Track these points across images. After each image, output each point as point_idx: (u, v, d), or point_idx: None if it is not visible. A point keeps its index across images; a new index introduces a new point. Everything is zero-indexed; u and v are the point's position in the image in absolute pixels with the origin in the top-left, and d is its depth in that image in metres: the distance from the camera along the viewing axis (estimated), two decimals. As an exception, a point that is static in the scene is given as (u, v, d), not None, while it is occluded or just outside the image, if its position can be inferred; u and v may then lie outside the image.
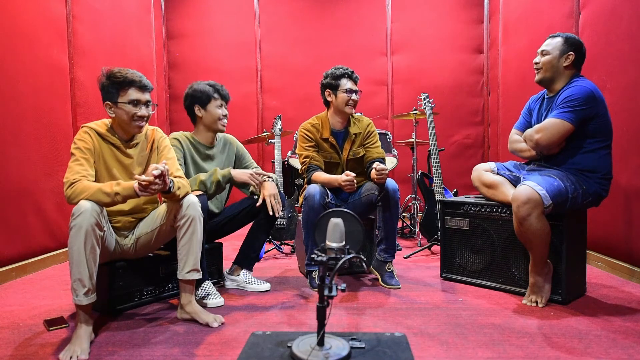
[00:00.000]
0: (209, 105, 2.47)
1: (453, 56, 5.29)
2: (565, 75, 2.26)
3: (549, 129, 2.15)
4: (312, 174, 2.61)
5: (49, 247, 3.13)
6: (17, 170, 2.84)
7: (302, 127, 2.69)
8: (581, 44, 2.26)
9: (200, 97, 2.47)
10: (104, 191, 1.79)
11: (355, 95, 2.62)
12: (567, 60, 2.24)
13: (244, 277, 2.52)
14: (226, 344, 1.76)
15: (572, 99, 2.13)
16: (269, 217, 2.47)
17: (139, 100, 1.99)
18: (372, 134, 2.74)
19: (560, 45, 2.25)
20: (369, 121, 2.79)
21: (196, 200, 2.04)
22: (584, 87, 2.14)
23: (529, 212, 2.06)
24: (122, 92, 1.97)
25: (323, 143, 2.66)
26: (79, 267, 1.74)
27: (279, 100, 5.36)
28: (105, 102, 1.99)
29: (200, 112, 2.48)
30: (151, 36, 4.64)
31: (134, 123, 2.00)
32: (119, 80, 1.96)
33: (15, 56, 2.84)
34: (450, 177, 4.98)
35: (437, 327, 1.91)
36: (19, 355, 1.68)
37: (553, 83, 2.29)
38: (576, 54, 2.24)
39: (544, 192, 2.06)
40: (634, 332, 1.83)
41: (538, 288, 2.18)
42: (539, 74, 2.31)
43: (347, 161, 2.68)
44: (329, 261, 1.22)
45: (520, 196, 2.08)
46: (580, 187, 2.15)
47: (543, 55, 2.29)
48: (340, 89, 2.61)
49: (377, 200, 2.51)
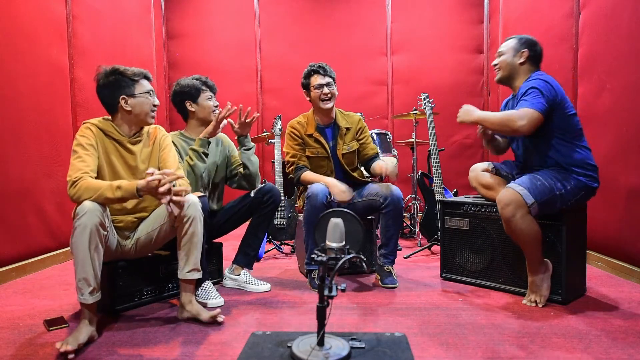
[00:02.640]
0: (199, 99, 2.48)
1: (453, 56, 5.29)
2: (522, 71, 2.34)
3: (529, 118, 2.11)
4: (301, 173, 2.63)
5: (49, 247, 3.13)
6: (17, 170, 2.84)
7: (289, 124, 2.72)
8: (535, 42, 2.35)
9: (189, 91, 2.47)
10: (106, 196, 1.79)
11: (327, 88, 2.60)
12: (521, 57, 2.33)
13: (244, 277, 2.52)
14: (226, 344, 1.76)
15: (534, 88, 2.17)
16: (267, 214, 2.50)
17: (152, 91, 2.08)
18: (364, 130, 2.79)
19: (513, 45, 2.36)
20: (359, 117, 2.82)
21: (197, 200, 2.04)
22: (540, 79, 2.20)
23: (512, 212, 2.10)
24: (137, 84, 2.03)
25: (308, 139, 2.68)
26: (83, 266, 1.75)
27: (279, 100, 5.36)
28: (121, 97, 2.01)
29: (192, 107, 2.49)
30: (151, 36, 4.64)
31: (151, 113, 2.08)
32: (129, 73, 2.02)
33: (15, 56, 2.84)
34: (450, 177, 4.97)
35: (437, 327, 1.91)
36: (19, 355, 1.68)
37: (513, 80, 2.37)
38: (530, 50, 2.32)
39: (525, 192, 2.09)
40: (634, 332, 1.83)
41: (536, 287, 2.18)
42: (498, 74, 2.42)
43: (343, 155, 2.70)
44: (329, 261, 1.22)
45: (503, 198, 2.13)
46: (567, 183, 2.16)
47: (499, 56, 2.40)
48: (311, 86, 2.63)
49: (381, 206, 2.52)
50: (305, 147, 2.68)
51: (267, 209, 2.51)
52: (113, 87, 2.01)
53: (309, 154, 2.67)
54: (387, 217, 2.52)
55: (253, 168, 2.54)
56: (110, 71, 2.02)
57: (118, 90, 2.01)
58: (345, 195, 2.47)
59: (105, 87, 2.02)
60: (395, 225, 2.54)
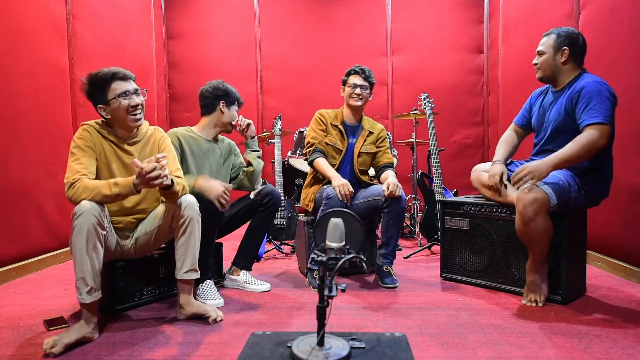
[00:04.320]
0: (233, 106, 2.58)
1: (453, 56, 5.28)
2: (565, 70, 2.26)
3: (607, 135, 2.04)
4: (316, 157, 2.71)
5: (49, 247, 3.13)
6: (17, 170, 2.84)
7: (319, 111, 2.86)
8: (576, 36, 2.24)
9: (229, 95, 2.56)
10: (104, 193, 1.79)
11: (360, 89, 2.74)
12: (562, 56, 2.25)
13: (243, 277, 2.52)
14: (226, 344, 1.76)
15: (606, 98, 2.07)
16: (266, 216, 2.52)
17: (127, 91, 1.97)
18: (385, 139, 2.90)
19: (553, 43, 2.26)
20: (382, 127, 2.93)
21: (194, 201, 2.04)
22: (606, 86, 2.11)
23: (535, 212, 2.03)
24: (108, 88, 1.95)
25: (332, 129, 2.80)
26: (82, 266, 1.75)
27: (279, 101, 5.36)
28: (98, 107, 1.98)
29: (224, 109, 2.55)
30: (151, 36, 4.64)
31: (130, 116, 1.98)
32: (100, 79, 1.95)
33: (16, 56, 2.84)
34: (450, 177, 4.97)
35: (437, 327, 1.91)
36: (19, 355, 1.68)
37: (556, 80, 2.31)
38: (571, 48, 2.23)
39: (550, 192, 2.04)
40: (634, 332, 1.83)
41: (536, 286, 2.18)
42: (538, 73, 2.35)
43: (359, 154, 2.79)
44: (329, 261, 1.22)
45: (526, 196, 2.06)
46: (583, 188, 2.14)
47: (539, 55, 2.32)
48: (347, 83, 2.79)
49: (383, 206, 2.53)
50: (327, 135, 2.79)
51: (267, 211, 2.52)
52: (90, 97, 1.99)
53: (326, 141, 2.77)
54: (388, 216, 2.53)
55: (258, 167, 2.63)
56: (87, 81, 1.98)
57: (94, 99, 1.98)
58: (344, 192, 2.48)
59: (87, 97, 2.00)
60: (395, 225, 2.54)
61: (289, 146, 4.50)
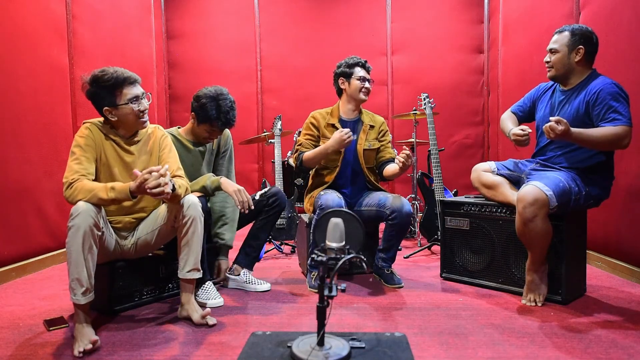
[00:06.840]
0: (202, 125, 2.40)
1: (453, 56, 5.28)
2: (579, 69, 2.22)
3: (630, 136, 2.04)
4: (302, 155, 2.61)
5: (49, 247, 3.13)
6: (17, 170, 2.84)
7: (311, 114, 2.73)
8: (590, 34, 2.19)
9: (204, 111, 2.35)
10: (100, 197, 1.79)
11: (368, 83, 2.66)
12: (577, 55, 2.18)
13: (244, 276, 2.52)
14: (226, 344, 1.76)
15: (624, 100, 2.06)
16: (271, 217, 2.51)
17: (137, 96, 1.97)
18: (386, 133, 2.80)
19: (567, 41, 2.19)
20: (383, 120, 2.82)
21: (197, 201, 2.04)
22: (620, 87, 2.09)
23: (535, 213, 2.03)
24: (119, 93, 1.93)
25: (326, 130, 2.66)
26: (77, 267, 1.75)
27: (279, 100, 5.36)
28: (104, 109, 1.96)
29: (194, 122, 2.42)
30: (151, 36, 4.64)
31: (140, 120, 2.00)
32: (110, 82, 1.91)
33: (16, 56, 2.84)
34: (450, 177, 4.97)
35: (437, 327, 1.91)
36: (19, 355, 1.68)
37: (567, 79, 2.26)
38: (586, 47, 2.17)
39: (550, 193, 2.03)
40: (634, 332, 1.83)
41: (535, 286, 2.18)
42: (550, 72, 2.27)
43: (364, 151, 2.68)
44: (329, 261, 1.22)
45: (526, 197, 2.05)
46: (584, 189, 2.14)
47: (552, 53, 2.24)
48: (354, 76, 2.64)
49: (388, 217, 2.47)
50: (321, 138, 2.67)
51: (272, 211, 2.52)
52: (95, 98, 1.96)
53: (322, 144, 2.61)
54: (392, 228, 2.48)
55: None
56: (90, 81, 1.94)
57: (100, 101, 1.95)
58: (345, 138, 2.42)
59: (89, 97, 1.98)
60: (398, 237, 2.52)
61: (289, 146, 4.50)
